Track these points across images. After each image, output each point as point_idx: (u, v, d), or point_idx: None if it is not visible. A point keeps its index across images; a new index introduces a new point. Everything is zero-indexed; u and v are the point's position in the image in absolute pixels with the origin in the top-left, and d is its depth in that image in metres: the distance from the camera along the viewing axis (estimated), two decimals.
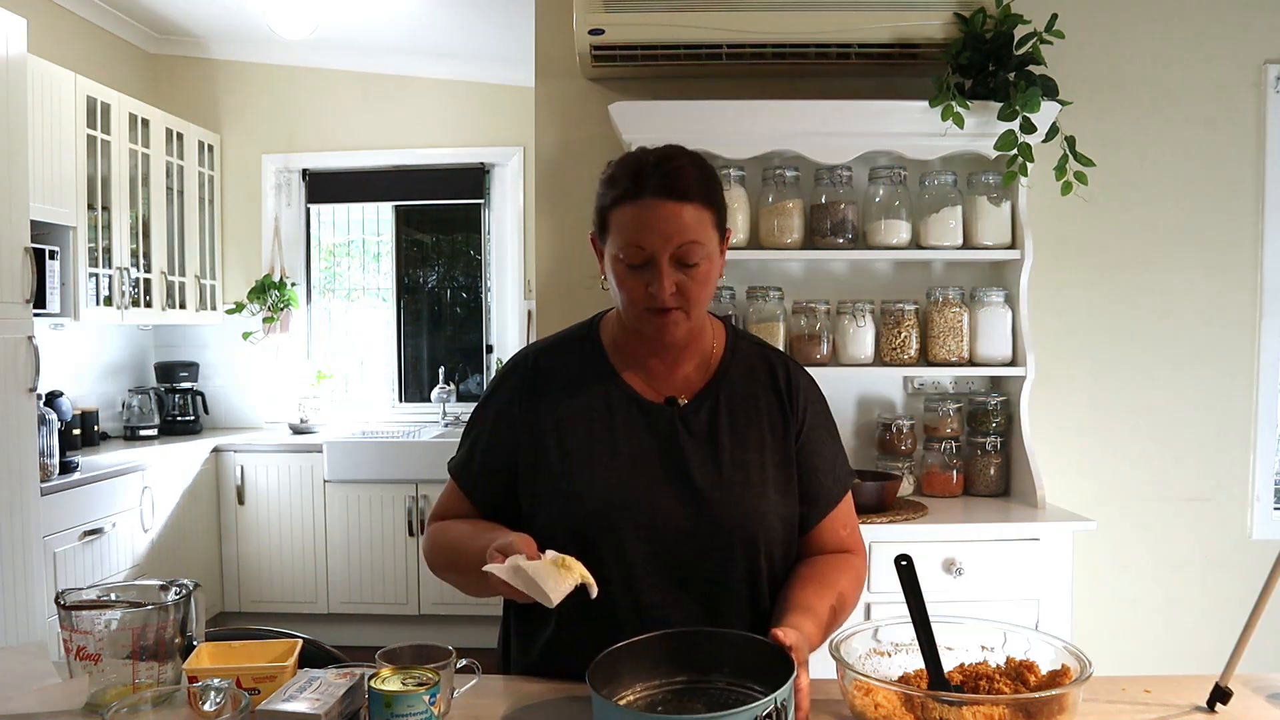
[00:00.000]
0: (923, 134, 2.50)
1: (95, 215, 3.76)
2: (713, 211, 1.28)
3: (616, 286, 1.30)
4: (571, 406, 1.34)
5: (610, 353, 1.38)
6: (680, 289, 1.26)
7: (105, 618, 1.11)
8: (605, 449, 1.32)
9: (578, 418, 1.34)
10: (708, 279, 1.29)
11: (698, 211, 1.25)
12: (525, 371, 1.39)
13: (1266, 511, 2.81)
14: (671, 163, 1.27)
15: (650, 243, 1.24)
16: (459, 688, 1.19)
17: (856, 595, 1.34)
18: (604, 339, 1.40)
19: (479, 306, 4.98)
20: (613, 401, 1.35)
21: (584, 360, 1.38)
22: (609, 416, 1.34)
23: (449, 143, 4.76)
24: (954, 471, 2.65)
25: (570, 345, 1.41)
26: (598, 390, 1.35)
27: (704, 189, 1.27)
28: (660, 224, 1.24)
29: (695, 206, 1.25)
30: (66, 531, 3.20)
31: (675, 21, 2.42)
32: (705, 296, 1.30)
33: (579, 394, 1.35)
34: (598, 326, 1.43)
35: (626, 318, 1.33)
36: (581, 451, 1.32)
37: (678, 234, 1.24)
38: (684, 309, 1.28)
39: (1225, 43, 2.76)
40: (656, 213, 1.24)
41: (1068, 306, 2.78)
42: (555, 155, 2.82)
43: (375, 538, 4.21)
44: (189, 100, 4.72)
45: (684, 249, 1.25)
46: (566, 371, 1.37)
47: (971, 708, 0.99)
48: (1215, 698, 1.16)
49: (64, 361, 4.04)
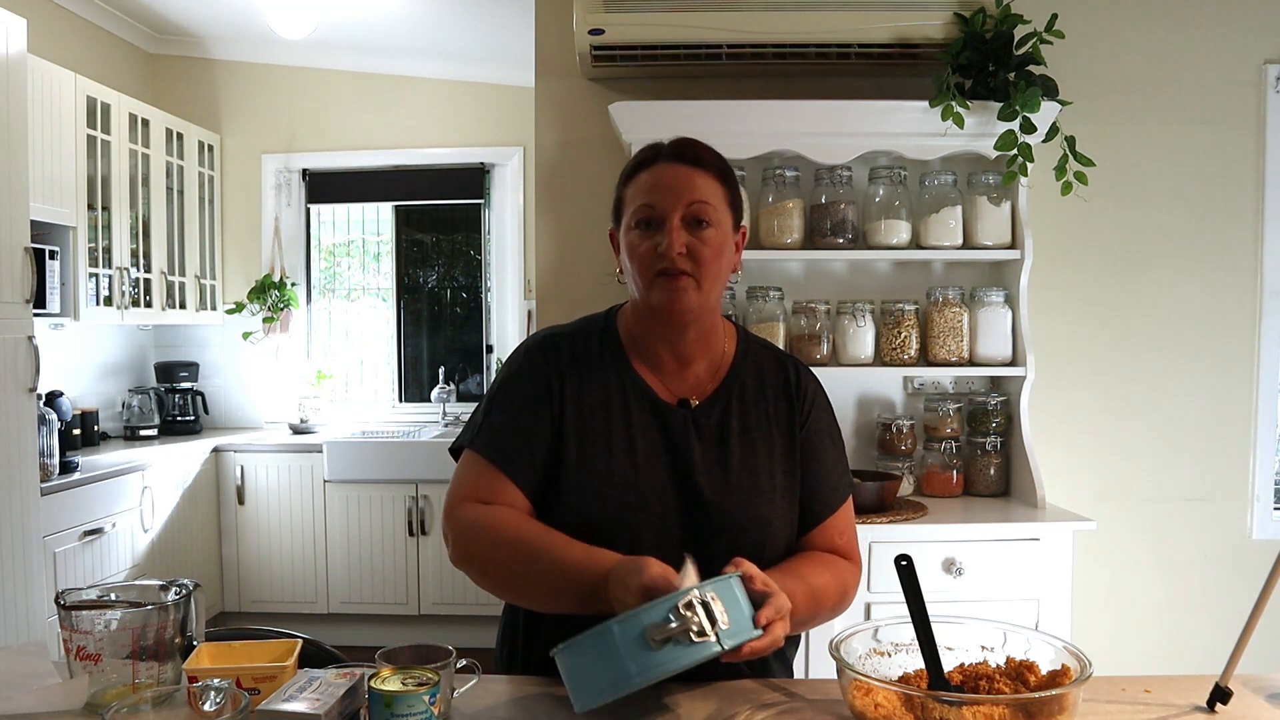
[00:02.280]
0: (923, 134, 2.50)
1: (95, 215, 3.76)
2: (727, 189, 1.32)
3: (629, 260, 1.31)
4: (592, 397, 1.33)
5: (627, 347, 1.37)
6: (691, 253, 1.27)
7: (105, 618, 1.11)
8: (622, 445, 1.31)
9: (596, 410, 1.32)
10: (720, 251, 1.29)
11: (711, 181, 1.30)
12: (549, 353, 1.36)
13: (1266, 511, 2.81)
14: (686, 139, 1.33)
15: (661, 201, 1.27)
16: (459, 688, 1.18)
17: (837, 593, 1.31)
18: (621, 333, 1.39)
19: (479, 306, 4.98)
20: (629, 397, 1.34)
21: (602, 352, 1.37)
22: (625, 412, 1.33)
23: (449, 143, 4.76)
24: (954, 471, 2.65)
25: (589, 336, 1.39)
26: (615, 384, 1.34)
27: (719, 164, 1.33)
28: (672, 182, 1.28)
29: (709, 176, 1.30)
30: (66, 531, 3.20)
31: (675, 21, 2.42)
32: (716, 272, 1.30)
33: (598, 386, 1.34)
34: (614, 319, 1.41)
35: (638, 292, 1.32)
36: (599, 445, 1.30)
37: (689, 193, 1.27)
38: (695, 276, 1.28)
39: (1225, 43, 2.76)
40: (668, 173, 1.29)
41: (1068, 306, 2.78)
42: (555, 155, 2.82)
43: (375, 538, 4.21)
44: (189, 100, 4.72)
45: (695, 207, 1.27)
46: (587, 361, 1.36)
47: (971, 708, 0.99)
48: (1215, 698, 1.16)
49: (64, 361, 4.04)
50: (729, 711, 1.16)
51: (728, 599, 1.05)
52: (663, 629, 0.99)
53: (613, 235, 1.37)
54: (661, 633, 0.98)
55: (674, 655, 0.99)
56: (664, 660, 0.99)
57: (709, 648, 1.00)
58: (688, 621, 0.99)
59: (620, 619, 1.01)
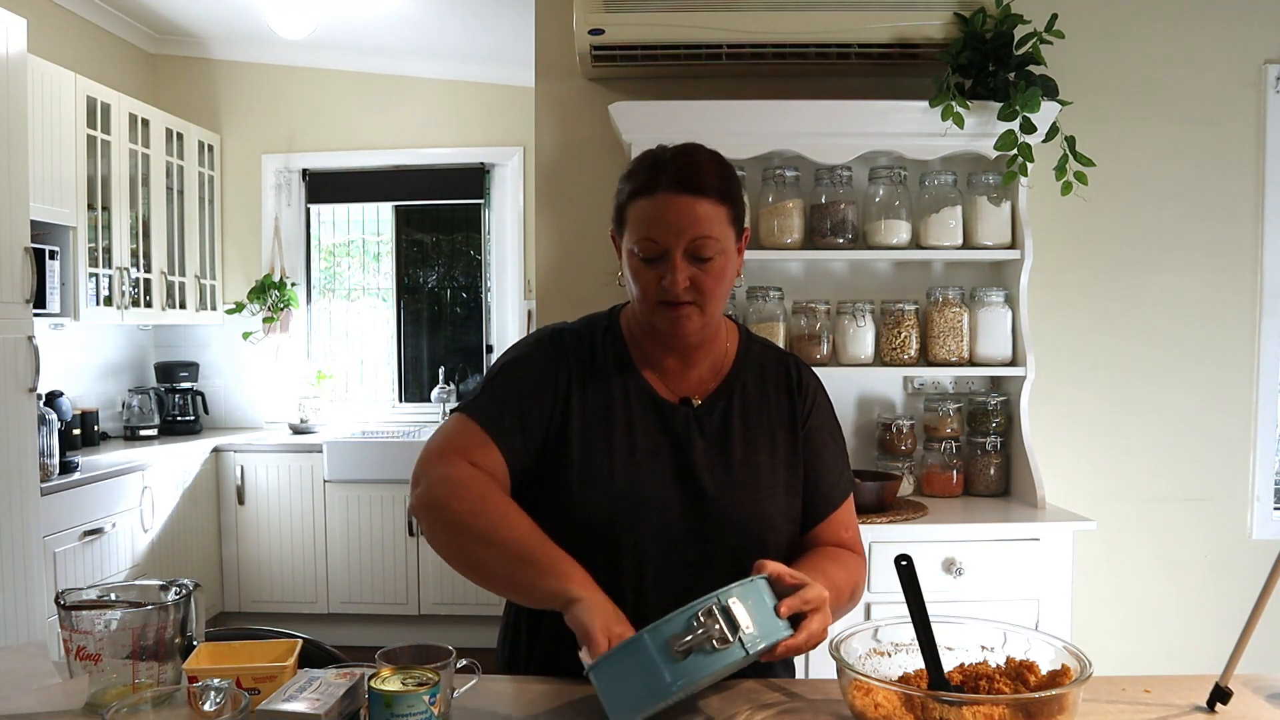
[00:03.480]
0: (923, 134, 2.50)
1: (95, 215, 3.76)
2: (729, 207, 1.28)
3: (631, 280, 1.30)
4: (595, 395, 1.33)
5: (629, 346, 1.38)
6: (694, 283, 1.26)
7: (105, 618, 1.11)
8: (624, 444, 1.31)
9: (600, 408, 1.33)
10: (722, 275, 1.28)
11: (713, 207, 1.26)
12: (560, 346, 1.36)
13: (1266, 511, 2.81)
14: (688, 158, 1.27)
15: (664, 236, 1.25)
16: (459, 688, 1.18)
17: (851, 587, 1.32)
18: (624, 332, 1.39)
19: (479, 306, 4.98)
20: (631, 396, 1.34)
21: (606, 351, 1.37)
22: (628, 412, 1.33)
23: (449, 143, 4.76)
24: (954, 471, 2.65)
25: (594, 334, 1.39)
26: (618, 383, 1.34)
27: (721, 185, 1.27)
28: (674, 217, 1.24)
29: (710, 201, 1.25)
30: (66, 531, 3.20)
31: (675, 21, 2.42)
32: (720, 294, 1.29)
33: (602, 384, 1.34)
34: (617, 318, 1.41)
35: (640, 313, 1.32)
36: (603, 444, 1.31)
37: (691, 228, 1.24)
38: (698, 304, 1.27)
39: (1225, 43, 2.76)
40: (670, 206, 1.24)
41: (1068, 306, 2.78)
42: (555, 155, 2.82)
43: (375, 538, 4.21)
44: (189, 100, 4.72)
45: (697, 243, 1.25)
46: (592, 359, 1.36)
47: (971, 708, 0.99)
48: (1215, 698, 1.16)
49: (64, 361, 4.04)
50: (729, 711, 1.16)
51: (755, 601, 1.04)
52: (682, 639, 0.98)
53: (614, 237, 1.36)
54: (682, 644, 0.98)
55: (700, 664, 0.98)
56: (691, 670, 0.98)
57: (733, 653, 1.00)
58: (708, 629, 0.98)
59: (650, 629, 1.01)
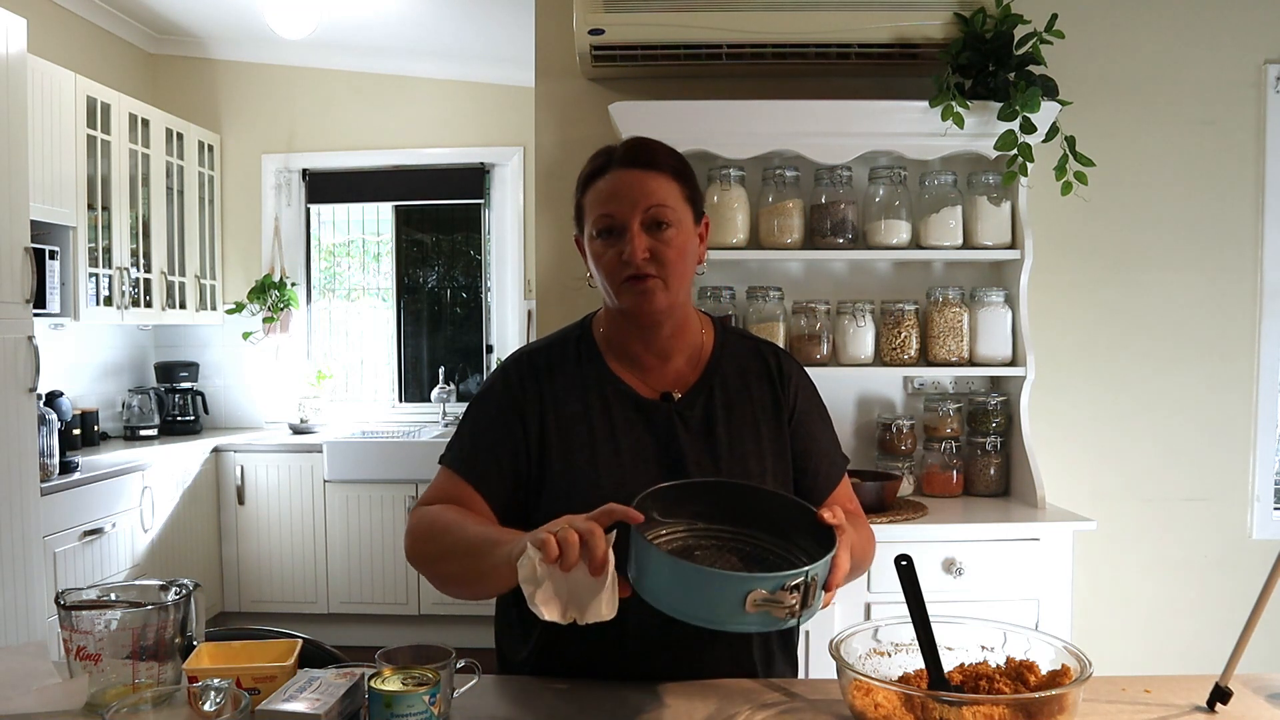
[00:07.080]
0: (923, 134, 2.50)
1: (95, 215, 3.76)
2: (681, 184, 1.32)
3: (595, 268, 1.33)
4: (571, 406, 1.34)
5: (604, 351, 1.39)
6: (655, 255, 1.28)
7: (105, 618, 1.11)
8: (607, 447, 1.32)
9: (577, 417, 1.34)
10: (683, 250, 1.31)
11: (666, 181, 1.30)
12: (525, 369, 1.38)
13: (1266, 511, 2.81)
14: (639, 139, 1.34)
15: (619, 210, 1.28)
16: (459, 688, 1.18)
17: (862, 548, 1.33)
18: (596, 338, 1.41)
19: (479, 306, 4.98)
20: (610, 400, 1.35)
21: (580, 360, 1.39)
22: (607, 415, 1.34)
23: (449, 143, 4.76)
24: (954, 471, 2.65)
25: (565, 345, 1.41)
26: (595, 389, 1.36)
27: (673, 162, 1.33)
28: (627, 190, 1.29)
29: (664, 176, 1.30)
30: (66, 531, 3.20)
31: (675, 21, 2.42)
32: (683, 270, 1.32)
33: (577, 393, 1.35)
34: (590, 326, 1.43)
35: (608, 297, 1.35)
36: (584, 451, 1.32)
37: (644, 198, 1.28)
38: (661, 278, 1.29)
39: (1225, 43, 2.76)
40: (623, 180, 1.29)
41: (1068, 306, 2.78)
42: (555, 155, 2.82)
43: (375, 538, 4.21)
44: (189, 100, 4.72)
45: (653, 211, 1.28)
46: (564, 371, 1.38)
47: (971, 708, 0.99)
48: (1215, 698, 1.16)
49: (64, 361, 4.04)
50: (729, 711, 1.16)
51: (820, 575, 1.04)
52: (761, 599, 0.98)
53: (578, 241, 1.39)
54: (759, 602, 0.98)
55: (759, 621, 0.99)
56: (750, 622, 0.99)
57: (788, 623, 1.01)
58: (785, 602, 0.99)
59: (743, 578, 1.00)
